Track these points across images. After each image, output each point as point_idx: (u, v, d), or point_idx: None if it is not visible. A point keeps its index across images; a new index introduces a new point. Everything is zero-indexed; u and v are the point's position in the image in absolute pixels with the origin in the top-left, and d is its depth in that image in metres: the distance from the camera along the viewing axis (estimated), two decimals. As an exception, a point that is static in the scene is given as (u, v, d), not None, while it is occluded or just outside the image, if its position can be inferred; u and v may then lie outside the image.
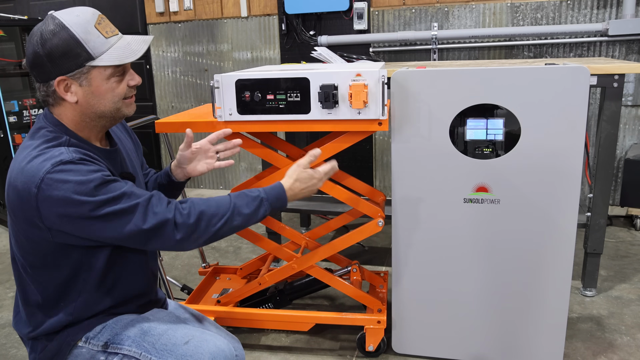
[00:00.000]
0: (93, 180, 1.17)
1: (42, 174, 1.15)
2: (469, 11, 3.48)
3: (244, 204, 1.34)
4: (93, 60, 1.23)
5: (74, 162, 1.18)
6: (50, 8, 4.53)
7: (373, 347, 2.03)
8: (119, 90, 1.29)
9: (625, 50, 3.25)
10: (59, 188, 1.15)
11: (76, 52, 1.21)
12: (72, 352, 1.30)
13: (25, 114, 3.69)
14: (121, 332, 1.31)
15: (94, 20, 1.24)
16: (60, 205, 1.16)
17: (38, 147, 1.22)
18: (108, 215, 1.18)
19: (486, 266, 1.87)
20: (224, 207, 1.31)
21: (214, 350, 1.28)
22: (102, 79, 1.25)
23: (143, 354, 1.27)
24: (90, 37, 1.22)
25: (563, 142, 1.70)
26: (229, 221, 1.31)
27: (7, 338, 2.32)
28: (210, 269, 2.50)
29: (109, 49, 1.24)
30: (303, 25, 3.79)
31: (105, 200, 1.18)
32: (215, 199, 1.33)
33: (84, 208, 1.16)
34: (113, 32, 1.28)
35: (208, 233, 1.28)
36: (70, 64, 1.22)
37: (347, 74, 1.69)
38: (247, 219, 1.34)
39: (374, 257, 3.04)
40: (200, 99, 4.38)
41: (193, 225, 1.25)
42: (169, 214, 1.23)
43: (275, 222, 2.36)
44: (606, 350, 2.06)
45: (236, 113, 1.79)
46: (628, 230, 3.28)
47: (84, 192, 1.16)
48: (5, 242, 3.52)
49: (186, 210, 1.26)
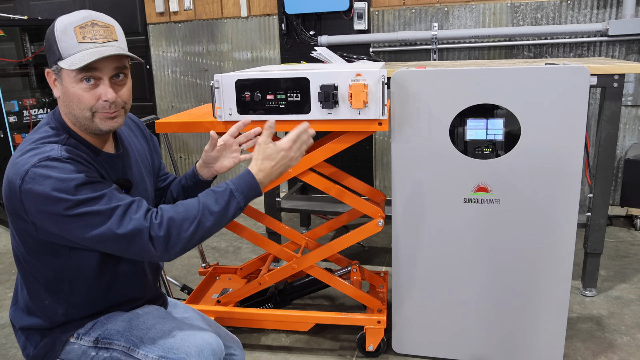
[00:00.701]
0: (74, 179, 1.17)
1: (27, 167, 1.16)
2: (469, 11, 3.48)
3: (212, 202, 1.26)
4: (61, 61, 1.22)
5: (61, 159, 1.18)
6: (50, 8, 4.54)
7: (373, 347, 2.03)
8: (86, 99, 1.23)
9: (625, 50, 3.25)
10: (40, 183, 1.15)
11: (53, 49, 1.23)
12: (65, 349, 1.32)
13: (25, 114, 3.69)
14: (111, 327, 1.33)
15: (79, 22, 1.23)
16: (40, 201, 1.16)
17: (35, 142, 1.23)
18: (84, 215, 1.17)
19: (486, 266, 1.87)
20: (192, 210, 1.24)
21: (201, 342, 1.29)
22: (70, 81, 1.23)
23: (131, 348, 1.29)
24: (65, 37, 1.22)
25: (563, 142, 1.70)
26: (200, 223, 1.24)
27: (7, 338, 2.32)
28: (210, 269, 2.51)
29: (76, 53, 1.21)
30: (303, 25, 3.79)
31: (83, 200, 1.17)
32: (184, 203, 1.27)
33: (60, 205, 1.16)
34: (95, 39, 1.23)
35: (182, 240, 1.22)
36: (50, 59, 1.25)
37: (347, 74, 1.69)
38: (219, 217, 1.27)
39: (374, 257, 3.04)
40: (200, 99, 4.38)
41: (165, 235, 1.21)
42: (145, 223, 1.19)
43: (275, 222, 2.36)
44: (606, 350, 2.06)
45: (236, 113, 1.79)
46: (628, 230, 3.28)
47: (63, 189, 1.15)
48: (5, 242, 3.51)
49: (158, 219, 1.22)
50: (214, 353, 1.29)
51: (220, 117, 1.81)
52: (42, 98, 3.81)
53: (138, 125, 1.57)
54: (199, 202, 1.27)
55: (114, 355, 1.30)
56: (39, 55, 3.80)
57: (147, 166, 1.52)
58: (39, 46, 3.81)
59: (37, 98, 3.77)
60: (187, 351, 1.26)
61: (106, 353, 1.30)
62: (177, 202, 1.28)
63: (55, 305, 1.32)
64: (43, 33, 4.08)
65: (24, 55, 3.77)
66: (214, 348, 1.30)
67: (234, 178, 1.33)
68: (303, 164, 1.89)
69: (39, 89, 3.82)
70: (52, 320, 1.33)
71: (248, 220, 3.50)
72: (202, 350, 1.27)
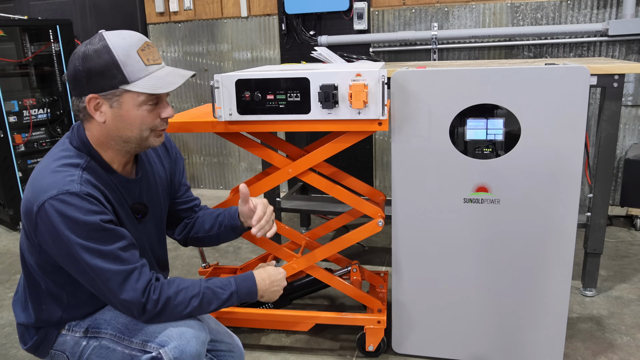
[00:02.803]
0: (88, 224, 1.19)
1: (45, 197, 1.19)
2: (469, 11, 3.48)
3: (211, 296, 1.36)
4: (127, 85, 1.23)
5: (80, 195, 1.20)
6: (50, 8, 4.54)
7: (373, 347, 2.03)
8: (149, 119, 1.28)
9: (625, 50, 3.25)
10: (55, 218, 1.19)
11: (112, 73, 1.21)
12: (58, 340, 1.38)
13: (25, 114, 3.69)
14: (99, 316, 1.38)
15: (139, 46, 1.24)
16: (51, 233, 1.20)
17: (58, 160, 1.25)
18: (86, 264, 1.21)
19: (486, 266, 1.87)
20: (190, 294, 1.32)
21: (184, 329, 1.32)
22: (134, 104, 1.25)
23: (118, 335, 1.34)
24: (130, 60, 1.22)
25: (563, 142, 1.70)
26: (194, 311, 1.33)
27: (7, 338, 2.32)
28: (210, 269, 2.50)
29: (146, 76, 1.24)
30: (303, 25, 3.79)
31: (90, 249, 1.20)
32: (186, 286, 1.33)
33: (68, 245, 1.20)
34: (155, 60, 1.28)
35: (171, 318, 1.31)
36: (104, 84, 1.22)
37: (347, 74, 1.69)
38: (210, 310, 1.37)
39: (374, 257, 3.04)
40: (200, 99, 4.38)
41: (158, 312, 1.29)
42: (142, 299, 1.25)
43: (275, 222, 2.36)
44: (606, 350, 2.06)
45: (236, 113, 1.79)
46: (628, 230, 3.28)
47: (75, 231, 1.19)
48: (5, 242, 3.52)
49: (155, 294, 1.28)
50: (196, 336, 1.32)
51: (220, 117, 1.81)
52: (42, 98, 3.81)
53: (164, 145, 1.57)
54: (200, 289, 1.34)
55: (102, 344, 1.35)
56: (39, 55, 3.80)
57: (164, 188, 1.54)
58: (39, 46, 3.81)
59: (37, 98, 3.77)
60: (169, 334, 1.30)
61: (95, 342, 1.36)
62: (175, 280, 1.33)
63: (52, 311, 1.37)
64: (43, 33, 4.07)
65: (24, 55, 3.77)
66: (196, 332, 1.33)
67: (241, 285, 1.42)
68: (303, 164, 1.89)
69: (39, 89, 3.82)
70: (48, 321, 1.38)
71: (248, 220, 3.49)
72: (183, 333, 1.30)
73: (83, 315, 1.38)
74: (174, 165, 1.60)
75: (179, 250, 3.23)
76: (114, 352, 1.33)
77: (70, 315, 1.37)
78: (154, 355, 1.28)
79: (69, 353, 1.37)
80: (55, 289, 1.34)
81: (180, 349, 1.28)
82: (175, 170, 1.61)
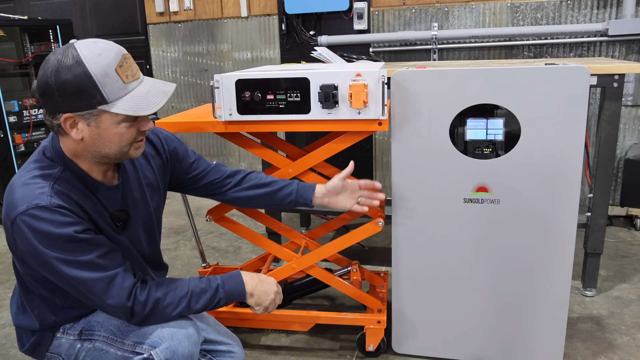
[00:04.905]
0: (61, 237, 1.17)
1: (16, 213, 1.17)
2: (469, 11, 3.48)
3: (198, 294, 1.35)
4: (106, 105, 1.17)
5: (49, 208, 1.17)
6: (50, 8, 4.54)
7: (373, 347, 2.03)
8: (128, 135, 1.24)
9: (625, 50, 3.25)
10: (27, 234, 1.17)
11: (90, 93, 1.15)
12: (53, 343, 1.39)
13: (25, 114, 3.69)
14: (93, 319, 1.38)
15: (116, 63, 1.17)
16: (28, 248, 1.20)
17: (29, 172, 1.24)
18: (66, 274, 1.21)
19: (486, 266, 1.87)
20: (178, 295, 1.32)
21: (175, 329, 1.31)
22: (112, 123, 1.21)
23: (110, 337, 1.34)
24: (109, 80, 1.16)
25: (563, 142, 1.70)
26: (183, 311, 1.32)
27: (7, 338, 2.32)
28: (210, 269, 2.50)
29: (125, 95, 1.19)
30: (303, 25, 3.79)
31: (69, 261, 1.19)
32: (174, 286, 1.33)
33: (46, 259, 1.19)
34: (134, 75, 1.21)
35: (161, 320, 1.31)
36: (81, 104, 1.16)
37: (347, 74, 1.69)
38: (198, 311, 1.36)
39: (374, 257, 3.04)
40: (200, 99, 4.38)
41: (147, 314, 1.28)
42: (128, 303, 1.24)
43: (275, 222, 2.36)
44: (606, 350, 2.06)
45: (236, 113, 1.79)
46: (628, 230, 3.28)
47: (48, 245, 1.17)
48: (5, 242, 3.52)
49: (143, 296, 1.27)
50: (188, 337, 1.32)
51: (220, 117, 1.81)
52: (42, 98, 3.81)
53: (154, 146, 1.52)
54: (188, 288, 1.33)
55: (96, 346, 1.35)
56: (39, 55, 3.80)
57: (154, 188, 1.51)
58: (39, 46, 3.81)
59: (37, 98, 3.78)
60: (160, 335, 1.30)
61: (89, 344, 1.36)
62: (164, 281, 1.33)
63: (46, 315, 1.37)
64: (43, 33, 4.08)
65: (24, 55, 3.77)
66: (187, 332, 1.32)
67: (227, 280, 1.40)
68: (303, 164, 1.89)
69: (39, 89, 3.83)
70: (43, 324, 1.38)
71: (248, 220, 3.50)
72: (175, 333, 1.30)
73: (77, 317, 1.38)
74: (171, 161, 1.57)
75: (179, 250, 3.24)
76: (107, 354, 1.33)
77: (64, 318, 1.37)
78: (146, 356, 1.28)
79: (64, 356, 1.38)
80: (47, 294, 1.34)
81: (172, 349, 1.27)
82: (175, 163, 1.58)
